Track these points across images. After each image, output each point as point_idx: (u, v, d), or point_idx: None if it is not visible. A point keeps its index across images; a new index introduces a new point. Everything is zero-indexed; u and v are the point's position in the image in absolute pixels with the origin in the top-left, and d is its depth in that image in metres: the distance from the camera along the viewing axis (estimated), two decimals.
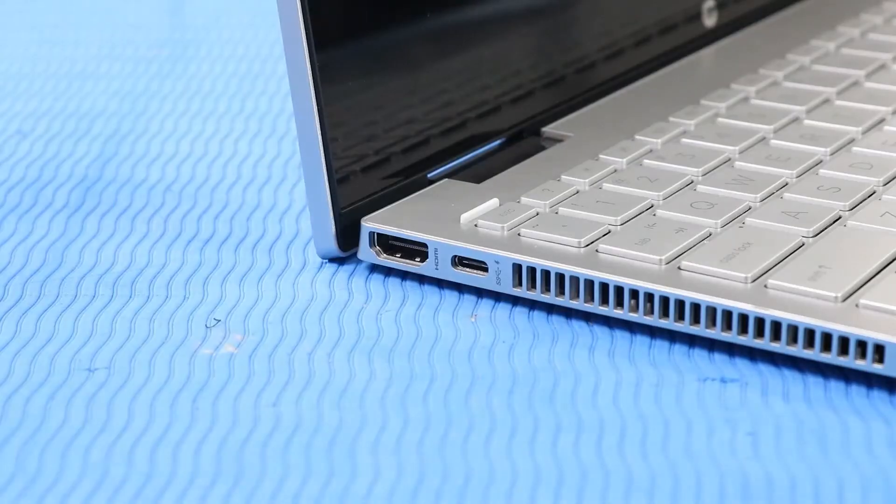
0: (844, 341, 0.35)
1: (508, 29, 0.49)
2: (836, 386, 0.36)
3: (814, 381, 0.36)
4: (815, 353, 0.36)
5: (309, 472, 0.33)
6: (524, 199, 0.43)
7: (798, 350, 0.36)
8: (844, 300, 0.37)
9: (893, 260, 0.39)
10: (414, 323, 0.40)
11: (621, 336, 0.39)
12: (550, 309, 0.40)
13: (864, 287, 0.37)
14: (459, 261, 0.41)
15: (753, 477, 0.32)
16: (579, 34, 0.53)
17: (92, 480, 0.33)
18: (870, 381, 0.36)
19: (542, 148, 0.48)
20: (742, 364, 0.37)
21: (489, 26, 0.48)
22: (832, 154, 0.46)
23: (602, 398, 0.36)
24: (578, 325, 0.39)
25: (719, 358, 0.37)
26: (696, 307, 0.37)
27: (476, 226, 0.41)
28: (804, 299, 0.37)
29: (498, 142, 0.48)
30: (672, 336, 0.38)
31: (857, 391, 0.36)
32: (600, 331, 0.39)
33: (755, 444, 0.33)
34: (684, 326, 0.38)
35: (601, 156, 0.46)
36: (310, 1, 0.41)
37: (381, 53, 0.44)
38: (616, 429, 0.34)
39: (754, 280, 0.38)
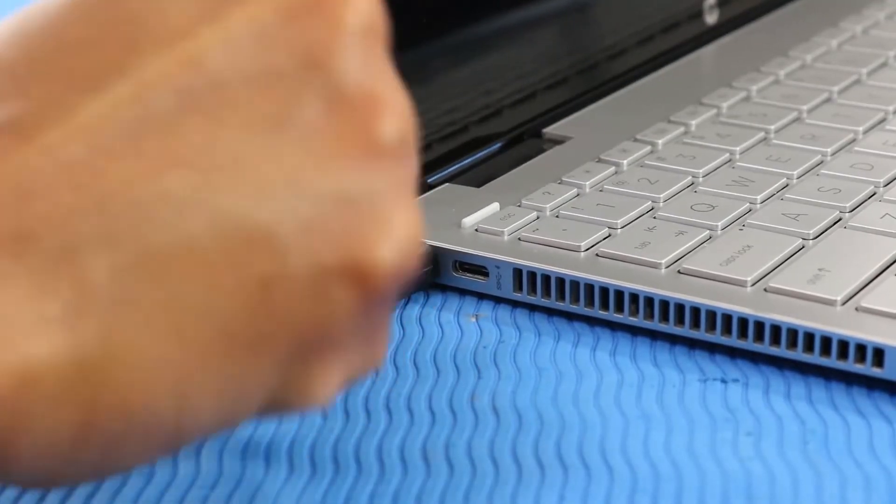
0: (844, 345, 0.35)
1: (509, 31, 0.49)
2: (837, 386, 0.36)
3: (815, 381, 0.36)
4: (814, 357, 0.36)
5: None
6: (525, 203, 0.43)
7: (798, 354, 0.36)
8: (844, 303, 0.37)
9: (894, 262, 0.39)
10: (417, 324, 0.40)
11: (623, 336, 0.39)
12: (551, 311, 0.40)
13: (865, 290, 0.37)
14: (460, 266, 0.41)
15: (756, 476, 0.32)
16: (580, 34, 0.53)
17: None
18: (871, 380, 0.36)
19: (543, 150, 0.48)
20: (743, 364, 0.37)
21: (489, 29, 0.48)
22: (833, 154, 0.47)
23: (604, 398, 0.36)
24: (580, 325, 0.39)
25: (720, 358, 0.37)
26: (695, 311, 0.37)
27: (477, 230, 0.41)
28: (804, 303, 0.37)
29: (498, 144, 0.48)
30: (673, 337, 0.39)
31: (858, 391, 0.36)
32: (602, 330, 0.39)
33: (757, 444, 0.34)
34: (684, 330, 0.38)
35: (602, 157, 0.46)
36: None
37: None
38: (619, 428, 0.34)
39: (754, 283, 0.38)
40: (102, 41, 0.24)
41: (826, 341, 0.36)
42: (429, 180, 0.45)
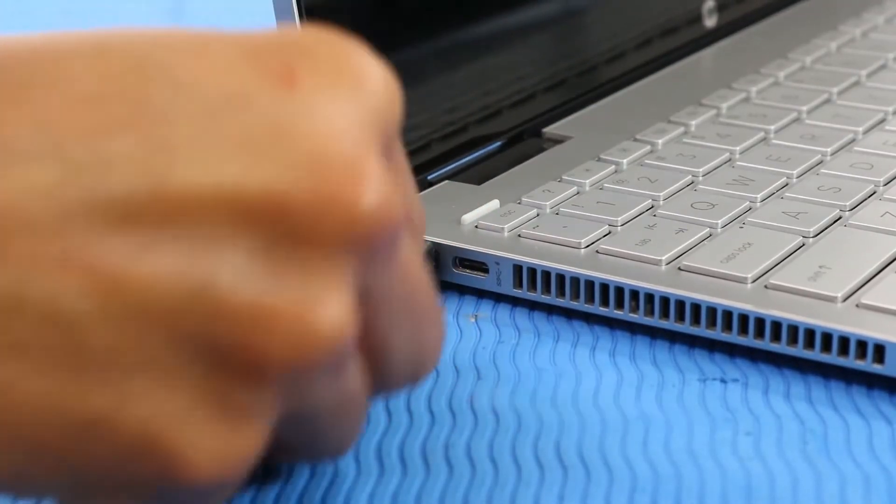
0: (844, 341, 0.35)
1: (509, 31, 0.49)
2: (837, 385, 0.36)
3: (815, 381, 0.36)
4: (815, 354, 0.36)
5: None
6: (525, 200, 0.43)
7: (798, 350, 0.36)
8: (845, 300, 0.37)
9: (894, 260, 0.39)
10: None
11: (622, 335, 0.39)
12: (551, 309, 0.40)
13: (865, 287, 0.37)
14: (460, 262, 0.41)
15: (755, 476, 0.32)
16: (580, 35, 0.53)
17: None
18: (871, 380, 0.36)
19: (543, 149, 0.48)
20: (743, 363, 0.37)
21: (490, 29, 0.48)
22: (833, 154, 0.47)
23: (603, 398, 0.36)
24: (579, 325, 0.39)
25: (720, 357, 0.37)
26: (696, 308, 0.37)
27: (477, 227, 0.42)
28: (804, 299, 0.37)
29: (499, 143, 0.48)
30: (673, 335, 0.38)
31: (858, 390, 0.36)
32: (601, 330, 0.39)
33: (757, 444, 0.33)
34: (684, 327, 0.38)
35: (602, 156, 0.46)
36: (305, 7, 0.41)
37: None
38: (618, 428, 0.34)
39: (754, 280, 0.38)
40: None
41: (827, 338, 0.36)
42: (429, 177, 0.45)
